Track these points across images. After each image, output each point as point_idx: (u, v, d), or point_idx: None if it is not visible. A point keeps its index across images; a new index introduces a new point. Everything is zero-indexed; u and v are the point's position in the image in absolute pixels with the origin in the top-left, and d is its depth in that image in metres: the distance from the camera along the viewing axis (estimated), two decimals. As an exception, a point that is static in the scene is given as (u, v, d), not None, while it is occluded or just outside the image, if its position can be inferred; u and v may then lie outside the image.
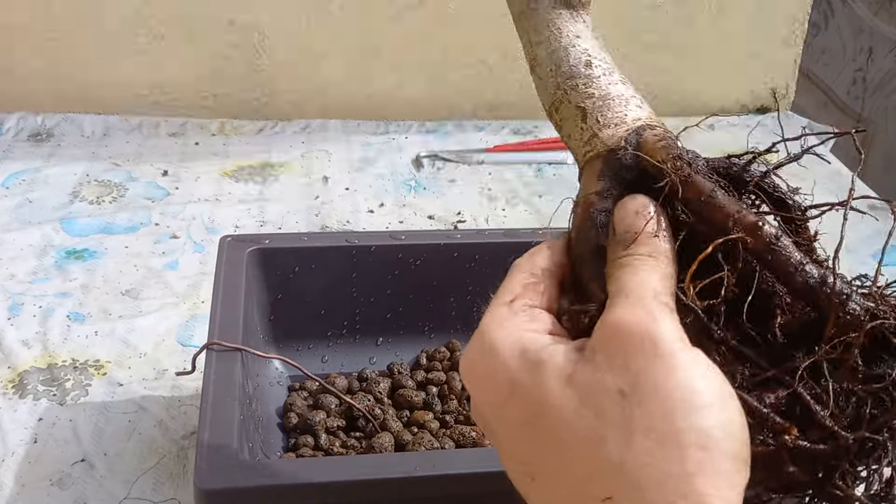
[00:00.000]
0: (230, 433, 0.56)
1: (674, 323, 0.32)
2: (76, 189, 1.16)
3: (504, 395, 0.33)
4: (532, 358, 0.33)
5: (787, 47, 1.52)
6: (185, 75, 1.39)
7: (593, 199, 0.38)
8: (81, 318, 0.90)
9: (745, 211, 0.35)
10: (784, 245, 0.34)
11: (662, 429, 0.29)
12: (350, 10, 1.38)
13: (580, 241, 0.38)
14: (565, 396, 0.31)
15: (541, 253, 0.38)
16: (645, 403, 0.30)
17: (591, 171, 0.40)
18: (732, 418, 0.30)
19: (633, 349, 0.30)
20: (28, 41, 1.34)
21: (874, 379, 0.32)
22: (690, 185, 0.35)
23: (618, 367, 0.30)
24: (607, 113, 0.40)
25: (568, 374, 0.31)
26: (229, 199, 1.16)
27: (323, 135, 1.37)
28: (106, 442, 0.75)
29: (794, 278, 0.34)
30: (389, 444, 0.70)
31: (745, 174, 0.37)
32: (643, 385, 0.30)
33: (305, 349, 0.80)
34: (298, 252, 0.78)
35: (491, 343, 0.34)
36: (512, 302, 0.36)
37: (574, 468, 0.31)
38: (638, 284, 0.33)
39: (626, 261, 0.34)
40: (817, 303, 0.34)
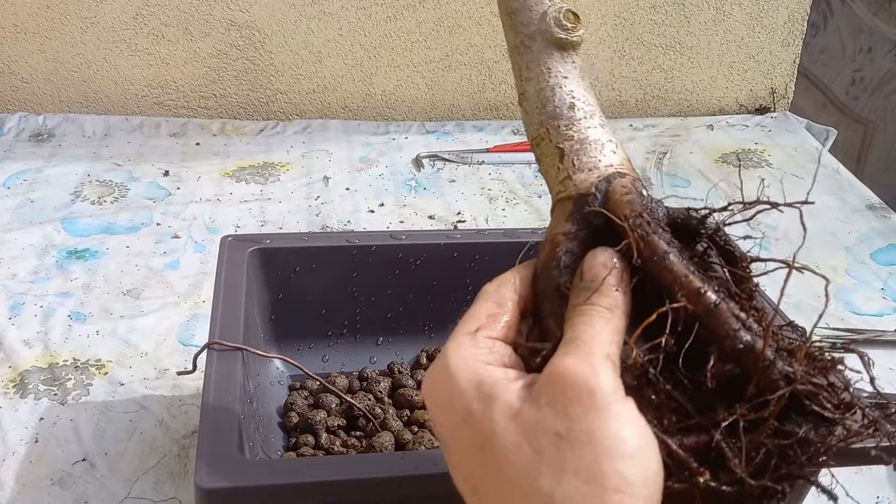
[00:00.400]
0: (231, 432, 0.56)
1: (613, 376, 0.35)
2: (77, 189, 1.16)
3: (458, 420, 0.37)
4: (486, 391, 0.37)
5: (785, 47, 1.53)
6: (186, 76, 1.40)
7: (560, 239, 0.42)
8: (82, 318, 0.91)
9: (691, 276, 0.38)
10: (722, 311, 0.37)
11: (589, 470, 0.33)
12: (350, 10, 1.38)
13: (544, 277, 0.41)
14: (510, 431, 0.35)
15: (508, 283, 0.42)
16: (577, 447, 0.34)
17: (562, 211, 0.43)
18: (650, 466, 0.34)
19: (573, 397, 0.34)
20: (29, 41, 1.35)
21: (784, 435, 0.37)
22: (647, 244, 0.39)
23: (558, 411, 0.35)
24: (583, 157, 0.44)
25: (515, 410, 0.36)
26: (230, 199, 1.16)
27: (323, 135, 1.37)
28: (107, 441, 0.75)
29: (725, 342, 0.37)
30: (390, 443, 0.70)
31: (701, 226, 0.41)
32: (577, 431, 0.34)
33: (306, 348, 0.80)
34: (299, 252, 0.79)
35: (453, 371, 0.38)
36: (476, 332, 0.40)
37: (511, 492, 0.35)
38: (591, 337, 0.37)
39: (585, 309, 0.38)
40: (744, 366, 0.37)
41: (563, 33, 0.46)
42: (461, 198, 1.20)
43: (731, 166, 1.33)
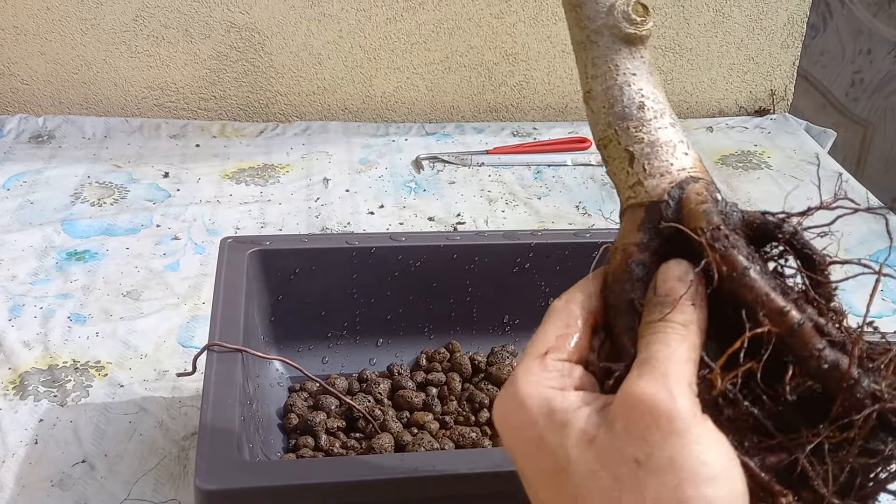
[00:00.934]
0: (231, 434, 0.56)
1: (690, 398, 0.34)
2: (77, 190, 1.16)
3: (532, 447, 0.37)
4: (558, 419, 0.36)
5: (785, 49, 1.53)
6: (185, 77, 1.40)
7: (632, 251, 0.40)
8: (82, 320, 0.91)
9: (773, 294, 0.36)
10: (806, 331, 0.36)
11: (673, 497, 0.33)
12: (350, 12, 1.38)
13: (615, 292, 0.40)
14: (586, 458, 0.35)
15: (577, 300, 0.40)
16: (658, 473, 0.33)
17: (633, 218, 0.41)
18: (735, 488, 0.34)
19: (652, 423, 0.34)
20: (29, 43, 1.35)
21: (870, 453, 0.36)
22: (726, 260, 0.37)
23: (636, 437, 0.34)
24: (654, 161, 0.42)
25: (590, 437, 0.35)
26: (230, 200, 1.17)
27: (323, 136, 1.37)
28: (106, 443, 0.75)
29: (809, 362, 0.36)
30: (389, 444, 0.70)
31: (778, 231, 0.39)
32: (658, 457, 0.33)
33: (306, 350, 0.80)
34: (299, 253, 0.79)
35: (523, 398, 0.37)
36: (545, 355, 0.38)
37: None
38: (667, 356, 0.36)
39: (659, 327, 0.37)
40: (828, 385, 0.36)
41: (632, 28, 0.43)
42: (461, 199, 1.20)
43: (731, 168, 1.33)
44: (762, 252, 0.40)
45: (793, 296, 0.37)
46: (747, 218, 0.39)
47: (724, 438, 0.34)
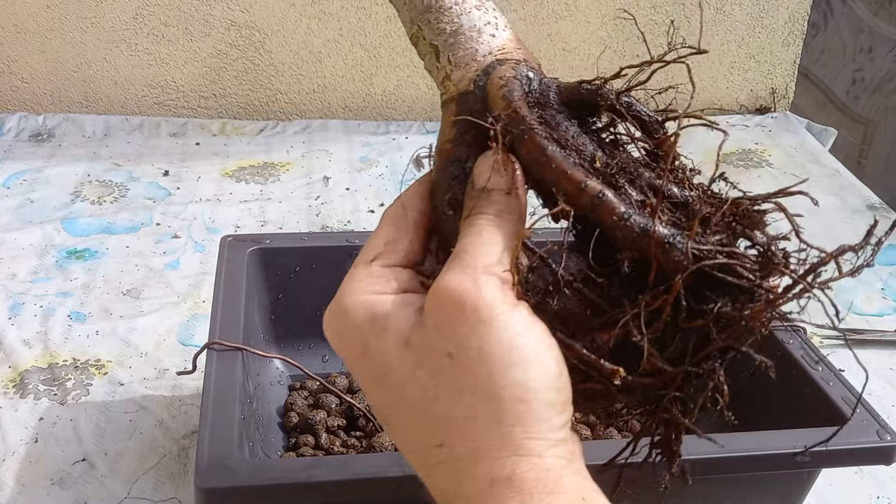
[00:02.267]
0: (231, 432, 0.56)
1: (498, 287, 0.34)
2: (77, 189, 1.16)
3: (357, 354, 0.37)
4: (380, 324, 0.36)
5: (786, 47, 1.52)
6: (186, 75, 1.40)
7: (447, 148, 0.39)
8: (82, 318, 0.91)
9: (570, 170, 0.35)
10: (608, 202, 0.34)
11: (485, 386, 0.33)
12: (350, 10, 1.38)
13: (438, 192, 0.39)
14: (404, 359, 0.35)
15: (409, 200, 0.40)
16: (469, 365, 0.33)
17: (447, 115, 0.39)
18: (549, 370, 0.34)
19: (458, 314, 0.33)
20: (29, 41, 1.35)
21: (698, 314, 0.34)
22: (525, 143, 0.36)
23: (445, 331, 0.34)
24: (458, 51, 0.39)
25: (405, 338, 0.35)
26: (230, 198, 1.16)
27: (323, 135, 1.37)
28: (107, 441, 0.75)
29: (617, 233, 0.35)
30: (390, 443, 0.70)
31: (599, 98, 0.37)
32: (467, 348, 0.33)
33: (306, 348, 0.80)
34: (299, 252, 0.78)
35: (346, 305, 0.37)
36: (372, 262, 0.38)
37: (414, 419, 0.35)
38: (475, 248, 0.35)
39: (472, 220, 0.36)
40: (644, 253, 0.34)
41: None
42: (461, 198, 1.20)
43: (732, 166, 1.33)
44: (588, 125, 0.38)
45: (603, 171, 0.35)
46: (564, 91, 0.38)
47: (537, 323, 0.34)
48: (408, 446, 0.36)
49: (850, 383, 0.64)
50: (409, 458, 0.36)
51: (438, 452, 0.34)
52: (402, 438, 0.37)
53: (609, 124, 0.38)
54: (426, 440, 0.34)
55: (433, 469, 0.35)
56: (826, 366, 0.66)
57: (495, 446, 0.33)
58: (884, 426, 0.60)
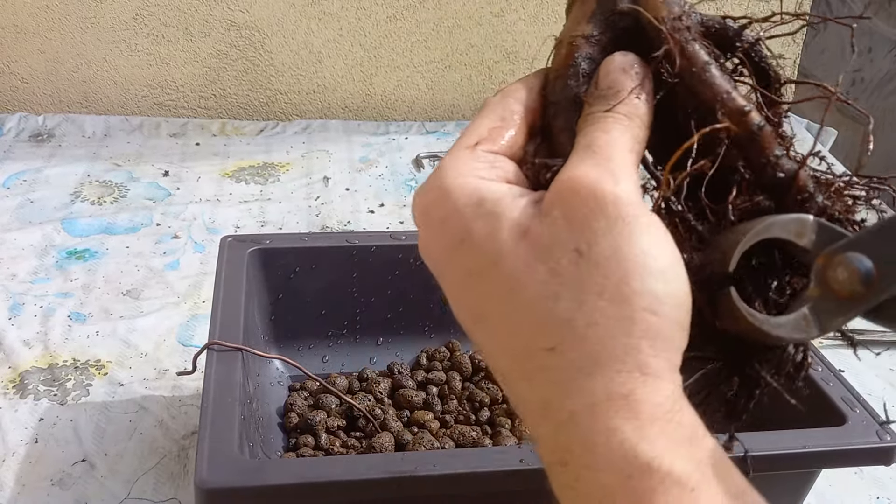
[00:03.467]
0: (231, 433, 0.56)
1: (636, 186, 0.32)
2: (77, 189, 1.16)
3: (455, 242, 0.33)
4: (489, 208, 0.32)
5: (785, 47, 1.52)
6: (185, 75, 1.40)
7: (579, 43, 0.36)
8: (82, 318, 0.91)
9: (734, 94, 0.34)
10: (766, 135, 0.33)
11: (616, 291, 0.30)
12: (350, 11, 1.38)
13: (558, 87, 0.36)
14: (519, 250, 0.31)
15: (515, 94, 0.37)
16: (601, 265, 0.30)
17: (582, 9, 0.37)
18: (682, 286, 0.31)
19: (595, 208, 0.30)
20: (29, 42, 1.35)
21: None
22: (686, 55, 0.34)
23: (577, 225, 0.30)
24: None
25: (524, 227, 0.31)
26: (230, 199, 1.16)
27: (323, 135, 1.37)
28: (107, 442, 0.75)
29: (765, 170, 0.33)
30: (389, 443, 0.70)
31: (738, 39, 0.36)
32: (601, 246, 0.30)
33: (306, 349, 0.80)
34: (299, 252, 0.79)
35: (448, 186, 0.33)
36: (476, 146, 0.35)
37: (521, 318, 0.31)
38: (608, 143, 0.32)
39: (600, 117, 0.33)
40: (778, 198, 0.33)
41: None
42: (461, 198, 1.20)
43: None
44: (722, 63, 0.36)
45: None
46: (706, 21, 0.36)
47: (669, 235, 0.31)
48: (505, 348, 0.32)
49: (849, 383, 0.64)
50: (506, 360, 0.32)
51: (546, 357, 0.30)
52: (498, 338, 0.32)
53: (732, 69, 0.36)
54: (533, 342, 0.31)
55: (534, 374, 0.31)
56: (826, 366, 0.66)
57: (618, 358, 0.29)
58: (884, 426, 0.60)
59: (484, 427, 0.74)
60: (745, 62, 0.36)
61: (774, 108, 0.36)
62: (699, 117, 0.34)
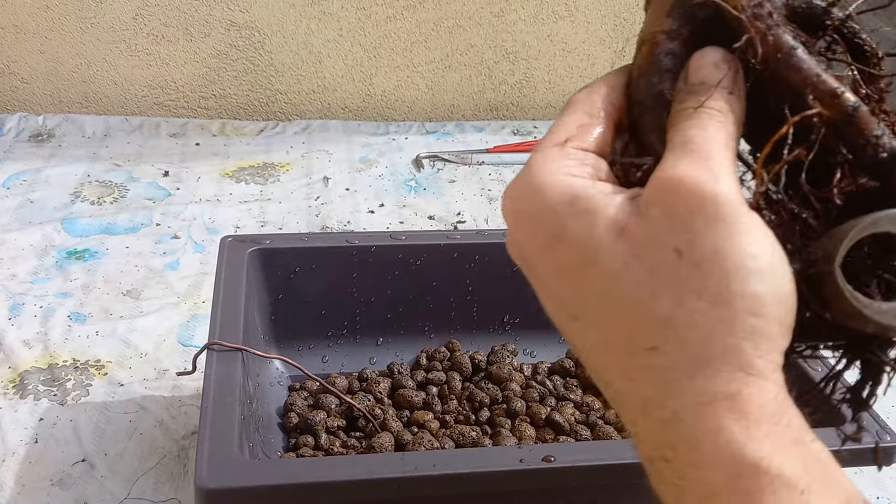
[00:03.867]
0: (231, 433, 0.56)
1: (735, 184, 0.31)
2: (77, 189, 1.16)
3: (549, 239, 0.33)
4: (583, 206, 0.32)
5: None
6: (185, 76, 1.40)
7: (661, 39, 0.36)
8: (82, 318, 0.91)
9: (824, 76, 0.33)
10: (862, 115, 0.32)
11: (717, 292, 0.29)
12: (350, 11, 1.38)
13: (642, 85, 0.36)
14: (617, 248, 0.31)
15: (600, 91, 0.36)
16: (702, 265, 0.30)
17: (661, 4, 0.37)
18: (784, 285, 0.30)
19: (695, 207, 0.30)
20: (29, 42, 1.35)
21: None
22: (770, 41, 0.33)
23: (676, 224, 0.30)
24: None
25: (621, 226, 0.31)
26: (230, 199, 1.16)
27: (323, 135, 1.37)
28: (106, 442, 0.75)
29: (865, 151, 0.32)
30: (389, 443, 0.70)
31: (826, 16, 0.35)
32: (702, 246, 0.30)
33: (306, 349, 0.80)
34: (299, 252, 0.79)
35: (540, 184, 0.33)
36: (565, 143, 0.34)
37: (620, 317, 0.31)
38: (705, 140, 0.32)
39: (694, 113, 0.33)
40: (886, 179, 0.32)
41: None
42: (461, 198, 1.20)
43: (731, 167, 1.33)
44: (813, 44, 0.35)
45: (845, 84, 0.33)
46: (791, 3, 0.35)
47: (771, 232, 0.31)
48: (604, 345, 0.32)
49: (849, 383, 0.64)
50: (602, 357, 0.32)
51: (648, 356, 0.30)
52: (597, 335, 0.32)
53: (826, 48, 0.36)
54: (633, 341, 0.31)
55: (636, 373, 0.31)
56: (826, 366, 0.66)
57: (721, 358, 0.29)
58: (883, 426, 0.60)
59: (484, 427, 0.74)
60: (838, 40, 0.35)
61: (874, 84, 0.35)
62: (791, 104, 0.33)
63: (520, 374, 0.80)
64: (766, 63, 0.33)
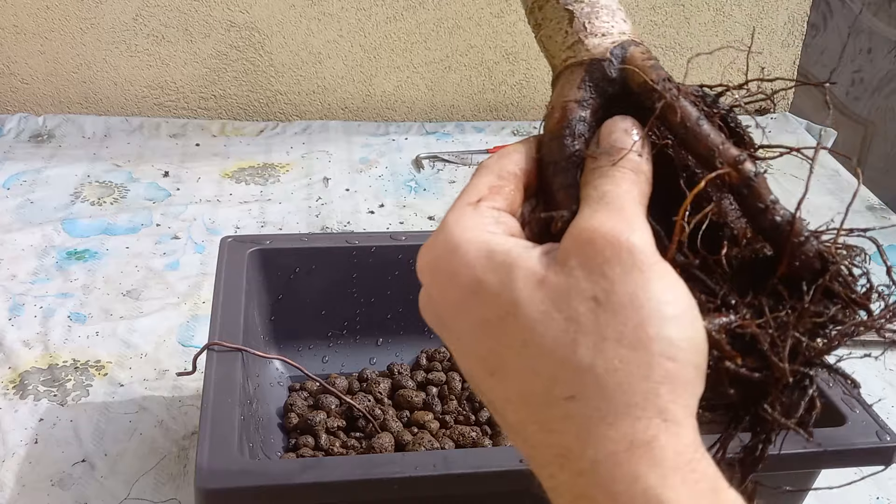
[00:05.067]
0: (231, 433, 0.56)
1: (649, 235, 0.32)
2: (77, 190, 1.16)
3: (467, 294, 0.33)
4: (500, 259, 0.33)
5: (785, 48, 1.53)
6: (185, 76, 1.40)
7: (573, 107, 0.38)
8: (82, 319, 0.91)
9: (727, 144, 0.36)
10: (761, 181, 0.35)
11: (634, 337, 0.30)
12: (350, 11, 1.38)
13: (555, 147, 0.38)
14: (536, 299, 0.32)
15: (509, 156, 0.38)
16: (619, 312, 0.30)
17: (571, 78, 0.40)
18: (696, 332, 0.32)
19: (612, 256, 0.31)
20: (29, 42, 1.35)
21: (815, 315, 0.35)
22: (678, 111, 0.36)
23: (593, 273, 0.31)
24: (595, 21, 0.40)
25: (539, 277, 0.32)
26: (230, 199, 1.16)
27: (323, 135, 1.37)
28: (107, 442, 0.75)
29: (763, 216, 0.35)
30: (389, 444, 0.70)
31: (714, 105, 0.38)
32: (618, 294, 0.31)
33: (306, 349, 0.80)
34: (299, 253, 0.79)
35: (456, 241, 0.34)
36: (478, 202, 0.35)
37: (539, 367, 0.31)
38: (619, 195, 0.33)
39: (608, 171, 0.35)
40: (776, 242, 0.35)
41: None
42: (461, 199, 1.20)
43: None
44: None
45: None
46: (683, 89, 0.38)
47: (682, 282, 0.32)
48: (521, 398, 0.32)
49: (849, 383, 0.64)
50: (521, 411, 0.32)
51: (567, 405, 0.31)
52: (516, 388, 0.32)
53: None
54: (552, 391, 0.31)
55: (556, 424, 0.31)
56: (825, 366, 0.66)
57: (638, 404, 0.30)
58: (883, 427, 0.60)
59: (484, 427, 0.74)
60: (723, 128, 0.38)
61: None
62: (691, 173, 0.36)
63: (520, 375, 0.79)
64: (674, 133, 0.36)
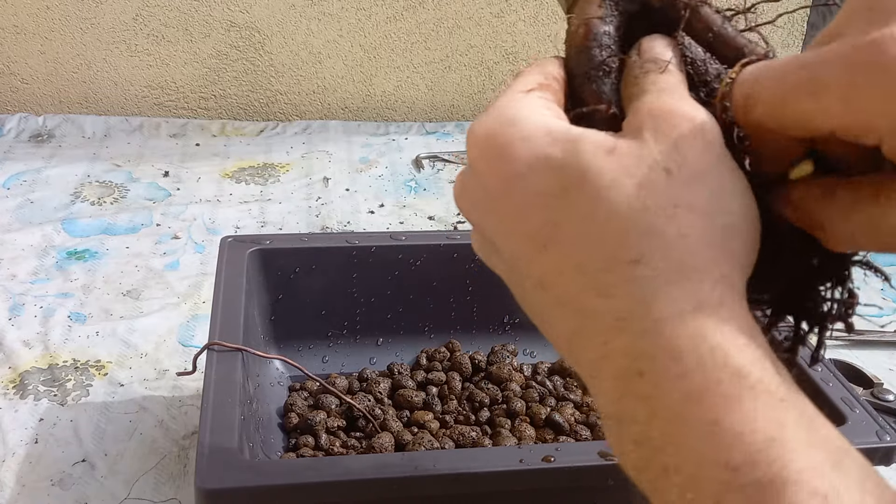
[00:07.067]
0: (231, 433, 0.56)
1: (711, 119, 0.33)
2: (77, 190, 1.16)
3: (522, 168, 0.33)
4: (562, 135, 0.33)
5: (785, 48, 1.52)
6: (185, 76, 1.40)
7: (596, 22, 0.39)
8: (82, 319, 0.91)
9: (753, 44, 0.37)
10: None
11: (705, 205, 0.31)
12: (350, 11, 1.38)
13: (583, 59, 0.38)
14: (606, 167, 0.32)
15: (549, 62, 0.38)
16: (691, 184, 0.31)
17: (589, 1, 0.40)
18: (755, 214, 0.33)
19: (687, 133, 0.32)
20: (29, 42, 1.35)
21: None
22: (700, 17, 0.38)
23: (667, 146, 0.32)
24: None
25: (609, 146, 0.32)
26: (230, 199, 1.16)
27: (323, 135, 1.37)
28: (107, 442, 0.75)
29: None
30: (389, 444, 0.70)
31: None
32: (691, 167, 0.32)
33: (306, 349, 0.80)
34: (299, 253, 0.79)
35: (513, 116, 0.34)
36: (529, 91, 0.36)
37: (604, 232, 0.32)
38: (675, 86, 0.34)
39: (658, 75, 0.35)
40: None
41: None
42: (461, 198, 1.20)
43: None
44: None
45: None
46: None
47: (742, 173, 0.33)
48: (580, 266, 0.32)
49: (849, 384, 0.64)
50: (577, 279, 0.32)
51: (631, 269, 0.31)
52: (573, 257, 0.32)
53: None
54: (616, 255, 0.31)
55: (616, 288, 0.31)
56: (826, 366, 0.66)
57: (706, 269, 0.30)
58: (883, 426, 0.60)
59: (484, 427, 0.74)
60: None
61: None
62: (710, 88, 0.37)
63: (520, 375, 0.80)
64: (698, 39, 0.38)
